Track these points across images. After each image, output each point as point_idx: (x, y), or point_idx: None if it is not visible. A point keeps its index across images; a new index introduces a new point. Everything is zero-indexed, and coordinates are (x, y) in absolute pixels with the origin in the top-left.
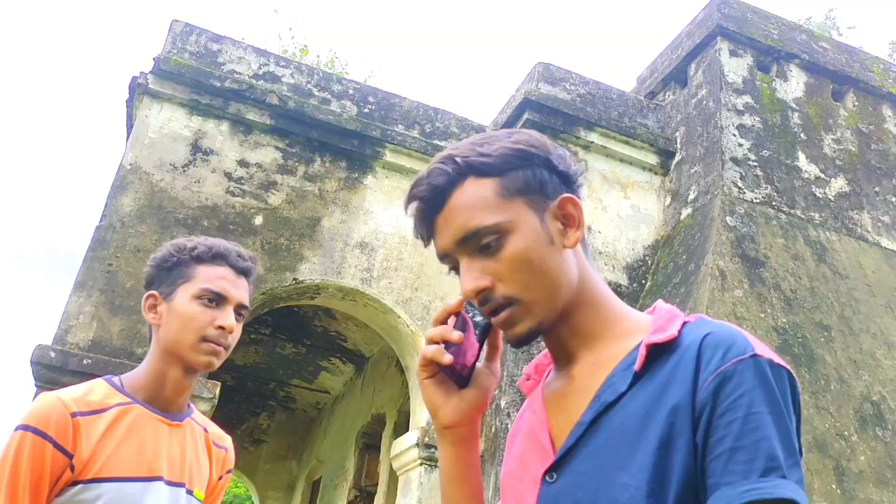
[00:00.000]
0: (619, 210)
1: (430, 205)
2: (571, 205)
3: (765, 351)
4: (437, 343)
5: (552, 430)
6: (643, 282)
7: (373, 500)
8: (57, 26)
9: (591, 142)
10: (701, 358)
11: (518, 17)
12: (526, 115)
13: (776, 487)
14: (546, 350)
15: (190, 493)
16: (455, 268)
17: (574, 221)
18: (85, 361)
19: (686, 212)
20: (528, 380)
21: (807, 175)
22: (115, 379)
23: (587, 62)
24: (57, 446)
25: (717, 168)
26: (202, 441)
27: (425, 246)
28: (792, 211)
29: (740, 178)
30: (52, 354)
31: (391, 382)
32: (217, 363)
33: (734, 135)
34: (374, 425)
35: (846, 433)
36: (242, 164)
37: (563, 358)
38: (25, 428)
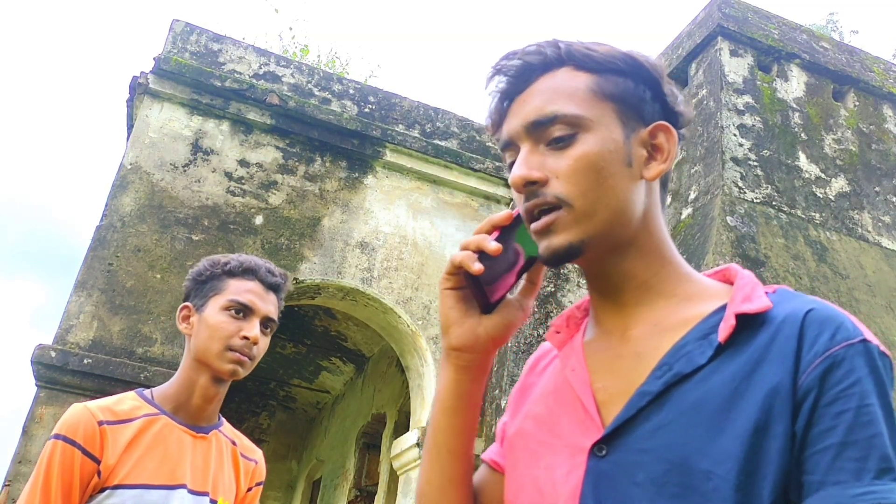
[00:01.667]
0: None
1: (513, 83)
2: (664, 135)
3: (872, 336)
4: (472, 251)
5: (597, 395)
6: None
7: (373, 500)
8: (57, 26)
9: None
10: (804, 336)
11: (518, 17)
12: None
13: (892, 492)
14: (580, 302)
15: (214, 502)
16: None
17: (662, 154)
18: (85, 361)
19: (686, 212)
20: (558, 332)
21: (807, 175)
22: (147, 392)
23: None
24: (85, 452)
25: (718, 168)
26: (229, 453)
27: (492, 134)
28: (792, 211)
29: (741, 178)
30: (53, 354)
31: (391, 382)
32: (242, 372)
33: (735, 135)
34: (374, 425)
35: None
36: (243, 163)
37: (613, 309)
38: (56, 437)
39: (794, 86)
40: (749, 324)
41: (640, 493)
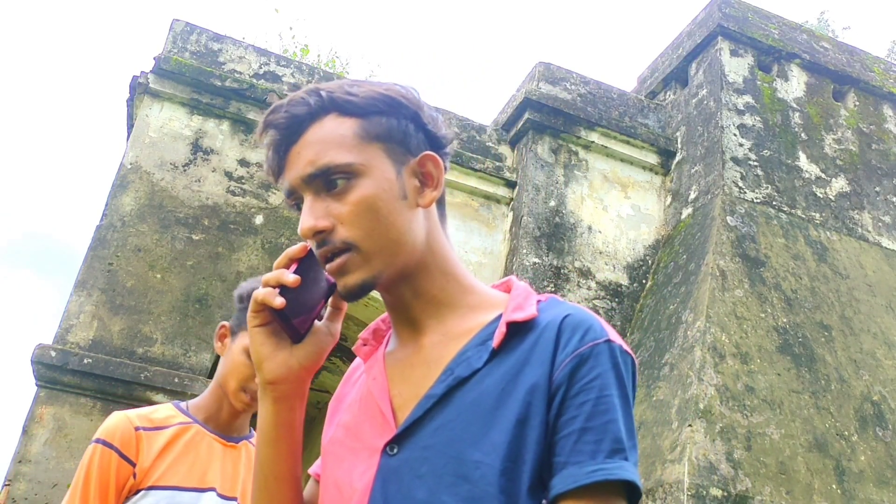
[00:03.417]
0: (620, 210)
1: (284, 135)
2: (432, 163)
3: (616, 337)
4: (272, 287)
5: (394, 401)
6: (643, 282)
7: None
8: (57, 26)
9: (592, 141)
10: (560, 338)
11: (518, 17)
12: (527, 115)
13: (619, 469)
14: (385, 315)
15: None
16: (300, 207)
17: (433, 181)
18: (85, 361)
19: (687, 211)
20: (364, 345)
21: (807, 175)
22: (182, 403)
23: (587, 62)
24: (122, 455)
25: (718, 168)
26: None
27: (275, 181)
28: (792, 211)
29: (741, 178)
30: (53, 354)
31: None
32: (256, 408)
33: (735, 134)
34: None
35: (846, 433)
36: (243, 163)
37: (407, 323)
38: (96, 441)
39: (794, 86)
40: (519, 330)
41: (421, 485)
